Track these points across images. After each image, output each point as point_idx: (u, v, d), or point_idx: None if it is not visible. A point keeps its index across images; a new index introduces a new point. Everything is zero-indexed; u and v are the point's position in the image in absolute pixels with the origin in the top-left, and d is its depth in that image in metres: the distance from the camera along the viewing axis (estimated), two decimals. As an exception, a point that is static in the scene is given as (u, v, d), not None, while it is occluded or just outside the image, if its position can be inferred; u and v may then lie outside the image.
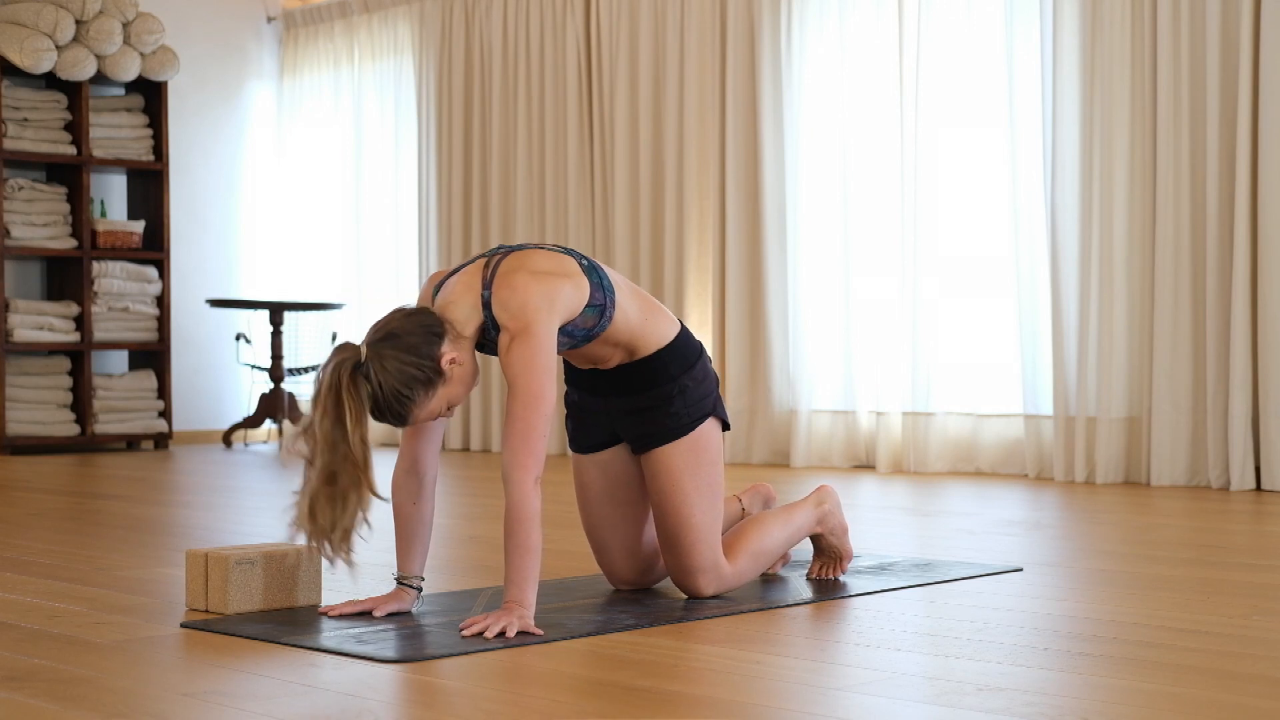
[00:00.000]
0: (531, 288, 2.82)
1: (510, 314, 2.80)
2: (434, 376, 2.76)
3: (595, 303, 2.91)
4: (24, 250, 7.82)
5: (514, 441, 2.76)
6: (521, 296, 2.80)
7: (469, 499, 5.49)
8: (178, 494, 5.83)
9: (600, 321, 2.93)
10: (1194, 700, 2.22)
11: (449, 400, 2.81)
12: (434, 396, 2.78)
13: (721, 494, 3.13)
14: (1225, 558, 3.80)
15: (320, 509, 2.72)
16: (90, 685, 2.36)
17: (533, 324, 2.79)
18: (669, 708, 2.20)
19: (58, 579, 3.45)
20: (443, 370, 2.77)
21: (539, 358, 2.78)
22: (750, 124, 6.90)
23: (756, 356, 6.85)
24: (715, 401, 3.12)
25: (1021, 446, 6.16)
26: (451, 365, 2.78)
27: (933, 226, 6.35)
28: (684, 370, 3.07)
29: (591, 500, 3.18)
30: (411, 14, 8.41)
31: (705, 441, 3.09)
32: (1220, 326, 5.55)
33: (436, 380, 2.76)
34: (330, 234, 8.83)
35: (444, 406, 2.81)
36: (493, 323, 2.84)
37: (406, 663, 2.51)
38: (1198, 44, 5.62)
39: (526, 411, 2.76)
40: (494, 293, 2.83)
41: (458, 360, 2.79)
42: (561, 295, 2.84)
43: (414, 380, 2.74)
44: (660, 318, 3.06)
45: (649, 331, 3.03)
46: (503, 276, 2.84)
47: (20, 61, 7.70)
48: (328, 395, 2.70)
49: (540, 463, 2.77)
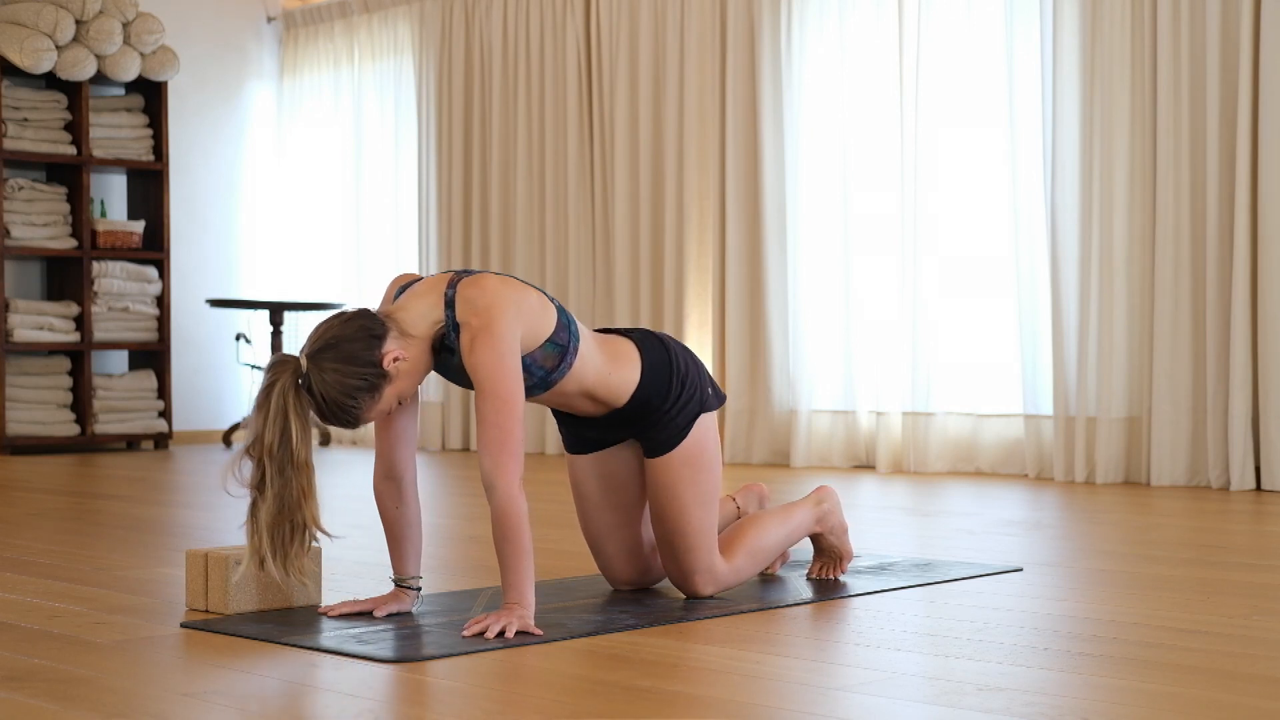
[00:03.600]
0: (499, 288, 2.80)
1: (474, 310, 2.77)
2: (377, 380, 2.74)
3: (559, 341, 2.88)
4: (24, 250, 7.82)
5: (492, 448, 2.74)
6: (489, 295, 2.78)
7: (469, 499, 5.49)
8: (178, 494, 5.83)
9: (560, 366, 2.89)
10: (1194, 700, 2.22)
11: (399, 395, 2.79)
12: (380, 398, 2.76)
13: (718, 497, 3.13)
14: (1225, 558, 3.80)
15: (275, 535, 2.71)
16: (90, 685, 2.36)
17: (496, 321, 2.76)
18: (669, 708, 2.20)
19: (58, 579, 3.45)
20: (386, 371, 2.74)
21: (505, 358, 2.76)
22: (750, 124, 6.90)
23: (756, 356, 6.85)
24: (702, 395, 3.11)
25: (1021, 446, 6.16)
26: (396, 364, 2.75)
27: (932, 226, 6.35)
28: (664, 395, 3.04)
29: (588, 503, 3.18)
30: (411, 14, 8.41)
31: (700, 447, 3.08)
32: (1220, 326, 5.55)
33: (380, 383, 2.74)
34: (330, 234, 8.83)
35: (394, 403, 2.79)
36: (453, 324, 2.80)
37: (406, 663, 2.51)
38: (1198, 44, 5.62)
39: (499, 417, 2.74)
40: (459, 290, 2.81)
41: (402, 357, 2.76)
42: (527, 302, 2.83)
43: (356, 390, 2.71)
44: (624, 365, 3.01)
45: (616, 383, 3.00)
46: (471, 278, 2.83)
47: (20, 61, 7.70)
48: (275, 418, 2.68)
49: (520, 463, 2.75)
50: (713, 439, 3.12)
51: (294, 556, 2.74)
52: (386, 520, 2.95)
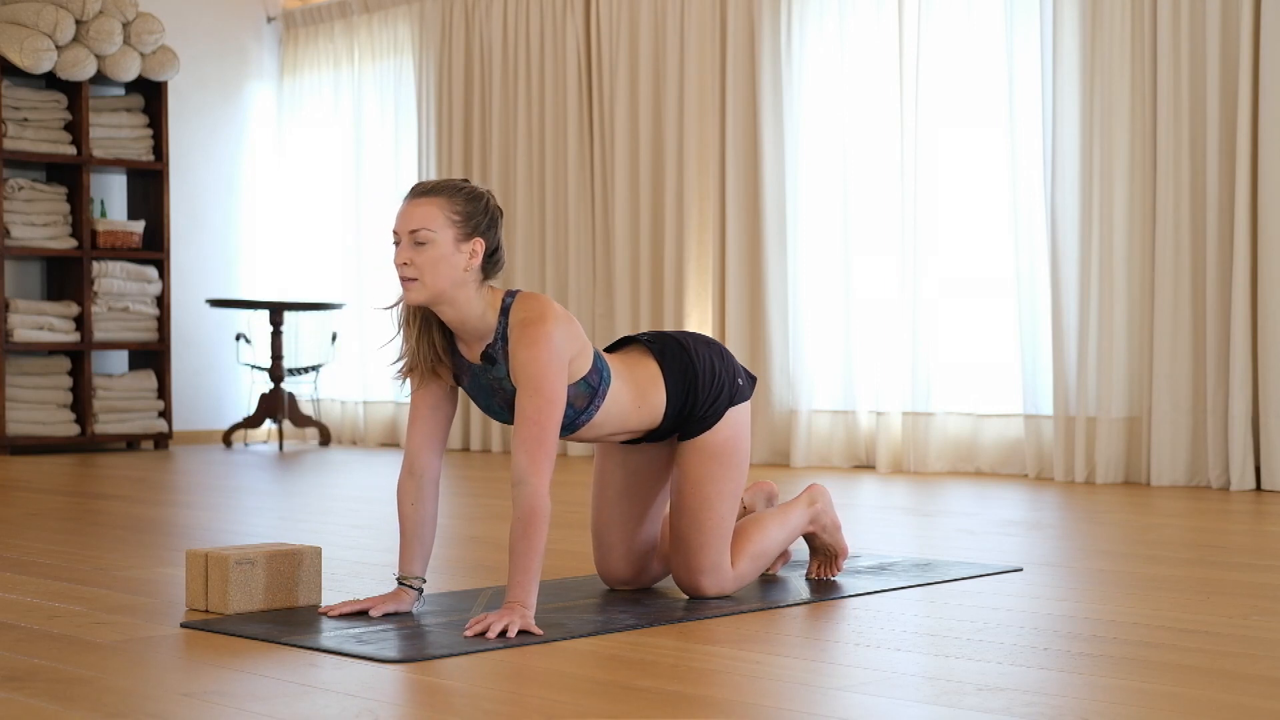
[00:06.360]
0: (555, 305, 2.88)
1: (529, 311, 2.84)
2: (484, 221, 2.87)
3: (591, 382, 2.92)
4: (24, 250, 7.82)
5: (530, 444, 2.78)
6: (545, 304, 2.86)
7: (469, 499, 5.49)
8: (178, 494, 5.83)
9: (588, 408, 2.93)
10: (1194, 700, 2.22)
11: (452, 267, 2.81)
12: (460, 247, 2.82)
13: (740, 495, 3.16)
14: (1225, 558, 3.80)
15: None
16: (90, 685, 2.36)
17: (551, 324, 2.82)
18: (669, 708, 2.20)
19: (57, 579, 3.45)
20: (481, 233, 2.85)
21: (555, 360, 2.81)
22: (750, 124, 6.90)
23: (756, 356, 6.85)
24: (731, 386, 3.12)
25: (1021, 446, 6.16)
26: (472, 260, 2.83)
27: (933, 226, 6.35)
28: (695, 401, 3.07)
29: (609, 490, 3.19)
30: (411, 14, 8.41)
31: (731, 443, 3.10)
32: (1220, 327, 5.55)
33: (481, 223, 2.86)
34: (330, 234, 8.83)
35: (449, 263, 2.81)
36: (503, 334, 2.86)
37: (407, 663, 2.51)
38: (1198, 44, 5.62)
39: (541, 415, 2.79)
40: (516, 300, 2.88)
41: (475, 263, 2.83)
42: (576, 328, 2.89)
43: (460, 209, 2.83)
44: (651, 393, 3.04)
45: (646, 414, 3.04)
46: (529, 292, 2.91)
47: (20, 61, 7.70)
48: None
49: (553, 464, 2.80)
50: (744, 435, 3.14)
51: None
52: (402, 516, 2.97)
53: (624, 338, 3.17)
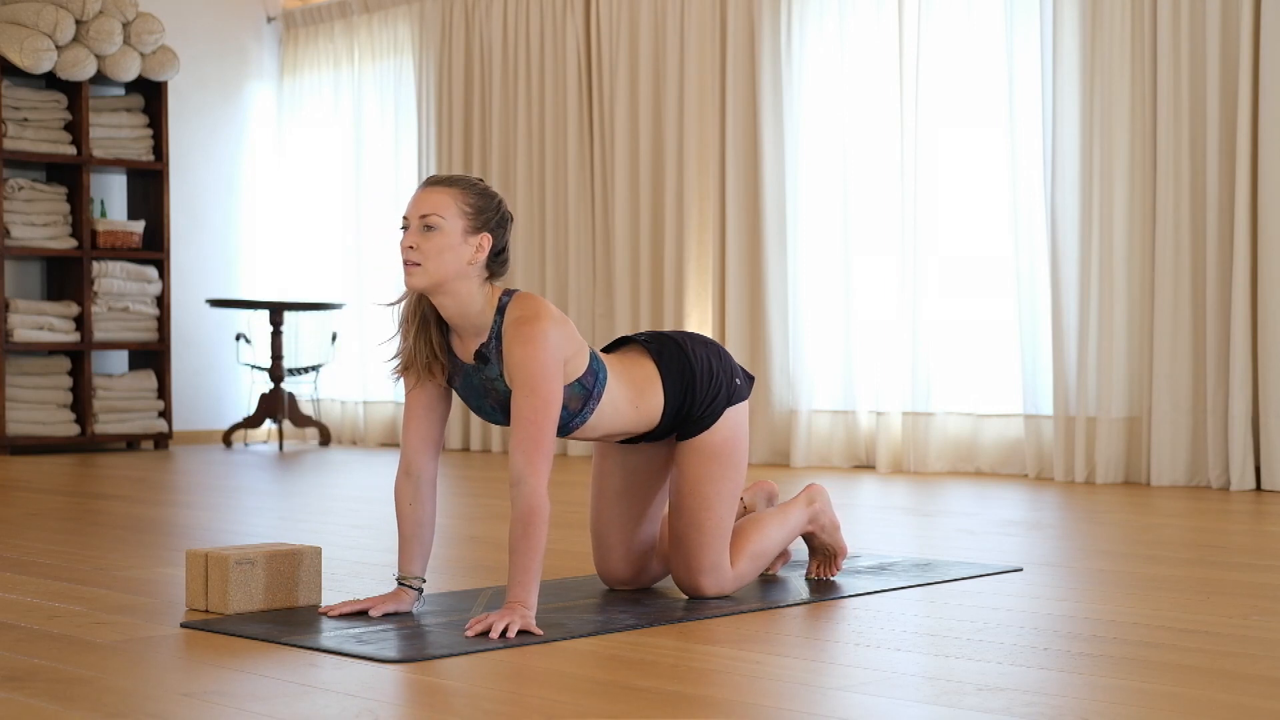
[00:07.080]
0: (550, 306, 2.88)
1: (524, 311, 2.83)
2: (494, 218, 2.87)
3: (585, 384, 2.92)
4: (24, 250, 7.82)
5: (526, 445, 2.77)
6: (540, 304, 2.86)
7: (469, 499, 5.49)
8: (178, 494, 5.83)
9: (582, 411, 2.93)
10: (1194, 700, 2.22)
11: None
12: (468, 240, 2.83)
13: (738, 496, 3.16)
14: (1225, 558, 3.80)
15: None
16: (90, 685, 2.36)
17: (546, 324, 2.81)
18: (669, 708, 2.20)
19: (57, 579, 3.45)
20: (490, 229, 2.85)
21: (551, 360, 2.80)
22: (750, 124, 6.90)
23: (756, 357, 6.85)
24: (729, 386, 3.12)
25: (1021, 446, 6.16)
26: (478, 253, 2.83)
27: (933, 226, 6.35)
28: (692, 401, 3.07)
29: (608, 491, 3.19)
30: (411, 14, 8.41)
31: (730, 444, 3.10)
32: (1220, 327, 5.55)
33: (491, 220, 2.86)
34: (330, 234, 8.83)
35: (454, 253, 2.82)
36: (498, 333, 2.85)
37: (407, 663, 2.51)
38: (1198, 44, 5.62)
39: (537, 415, 2.78)
40: (513, 299, 2.88)
41: (481, 256, 2.84)
42: (570, 329, 2.88)
43: (472, 203, 2.84)
44: (648, 394, 3.04)
45: (643, 415, 3.04)
46: (525, 293, 2.91)
47: (20, 61, 7.70)
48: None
49: (550, 464, 2.80)
50: (742, 435, 3.13)
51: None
52: (400, 516, 2.97)
53: (621, 338, 3.16)
